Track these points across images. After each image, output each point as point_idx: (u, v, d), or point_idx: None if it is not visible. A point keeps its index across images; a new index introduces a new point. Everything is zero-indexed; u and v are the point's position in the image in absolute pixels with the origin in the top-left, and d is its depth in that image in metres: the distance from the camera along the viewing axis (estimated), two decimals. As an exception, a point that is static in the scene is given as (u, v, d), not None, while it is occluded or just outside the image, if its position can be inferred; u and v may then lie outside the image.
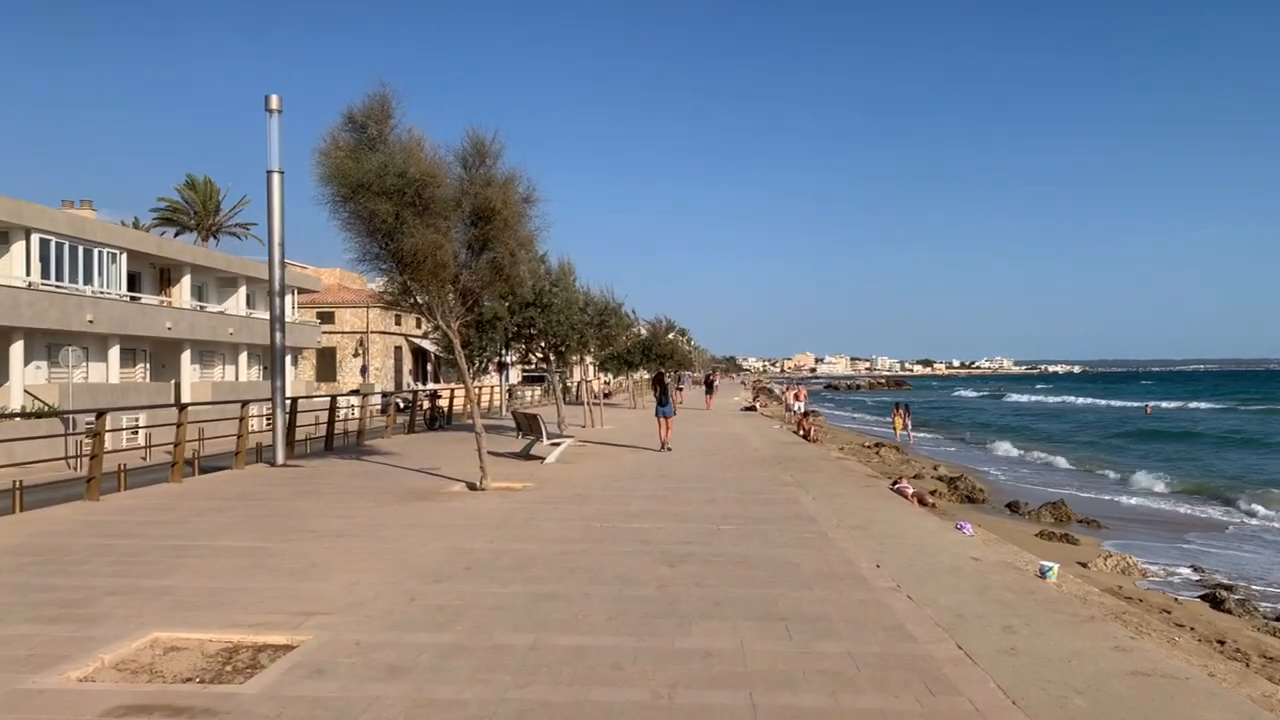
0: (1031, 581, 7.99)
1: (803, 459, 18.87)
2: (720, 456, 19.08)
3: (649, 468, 16.71)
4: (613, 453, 19.89)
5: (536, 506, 11.74)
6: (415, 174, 12.37)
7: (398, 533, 9.78)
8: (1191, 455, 36.56)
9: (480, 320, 21.40)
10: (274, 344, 16.81)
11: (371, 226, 12.70)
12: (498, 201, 12.90)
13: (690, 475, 15.46)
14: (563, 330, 21.16)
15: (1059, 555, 13.31)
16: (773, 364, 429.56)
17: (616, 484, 14.21)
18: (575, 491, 13.23)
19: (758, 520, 10.72)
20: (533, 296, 21.08)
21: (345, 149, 12.65)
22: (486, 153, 13.21)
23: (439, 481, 14.47)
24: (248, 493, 13.08)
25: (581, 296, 22.39)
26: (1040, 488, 24.84)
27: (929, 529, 10.67)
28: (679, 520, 10.67)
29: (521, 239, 13.45)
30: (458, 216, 13.04)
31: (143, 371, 37.38)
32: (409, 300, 13.81)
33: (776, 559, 8.47)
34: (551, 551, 8.74)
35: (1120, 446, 41.29)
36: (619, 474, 15.60)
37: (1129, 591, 11.05)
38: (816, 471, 16.41)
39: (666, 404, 21.39)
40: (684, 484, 14.24)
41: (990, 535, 12.22)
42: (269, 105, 16.58)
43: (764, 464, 17.57)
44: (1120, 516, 19.86)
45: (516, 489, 13.63)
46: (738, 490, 13.47)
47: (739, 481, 14.58)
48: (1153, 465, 30.11)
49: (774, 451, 20.49)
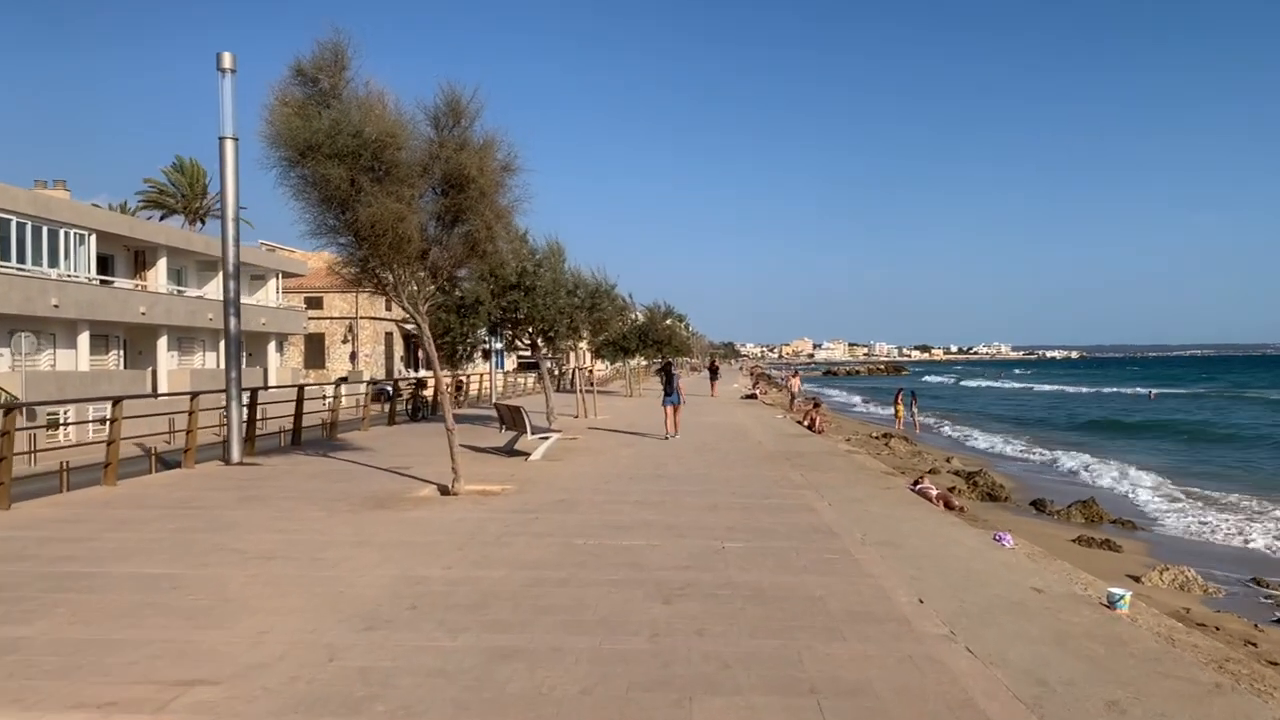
0: (1116, 624, 6.44)
1: (811, 454, 17.32)
2: (722, 452, 17.52)
3: (645, 465, 15.15)
4: (606, 447, 18.33)
5: (512, 516, 10.17)
6: (373, 134, 10.74)
7: (341, 554, 8.22)
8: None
9: (461, 304, 19.81)
10: (228, 330, 15.21)
11: (324, 194, 11.07)
12: (472, 168, 11.27)
13: (690, 475, 13.90)
14: (550, 314, 19.56)
15: (1107, 568, 11.79)
16: (771, 350, 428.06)
17: (607, 486, 12.65)
18: (559, 496, 11.67)
19: (768, 534, 9.17)
20: (516, 278, 19.46)
21: (293, 105, 11.02)
22: (462, 112, 11.56)
23: (407, 484, 12.91)
24: (185, 499, 11.50)
25: (571, 278, 20.76)
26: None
27: (968, 545, 9.13)
28: (677, 535, 9.12)
29: (499, 211, 11.82)
30: (426, 184, 11.41)
31: (116, 359, 35.74)
32: (372, 279, 12.20)
33: (796, 591, 6.91)
34: (521, 581, 7.18)
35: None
36: (611, 473, 14.03)
37: (1201, 616, 9.52)
38: (829, 470, 14.85)
39: (673, 392, 20.57)
40: (683, 486, 12.69)
41: (1031, 547, 10.67)
42: (221, 64, 14.92)
43: (770, 460, 16.02)
44: (1149, 514, 18.36)
45: (494, 492, 12.07)
46: (743, 494, 11.92)
47: (744, 483, 13.03)
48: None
49: (780, 445, 18.93)
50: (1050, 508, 17.92)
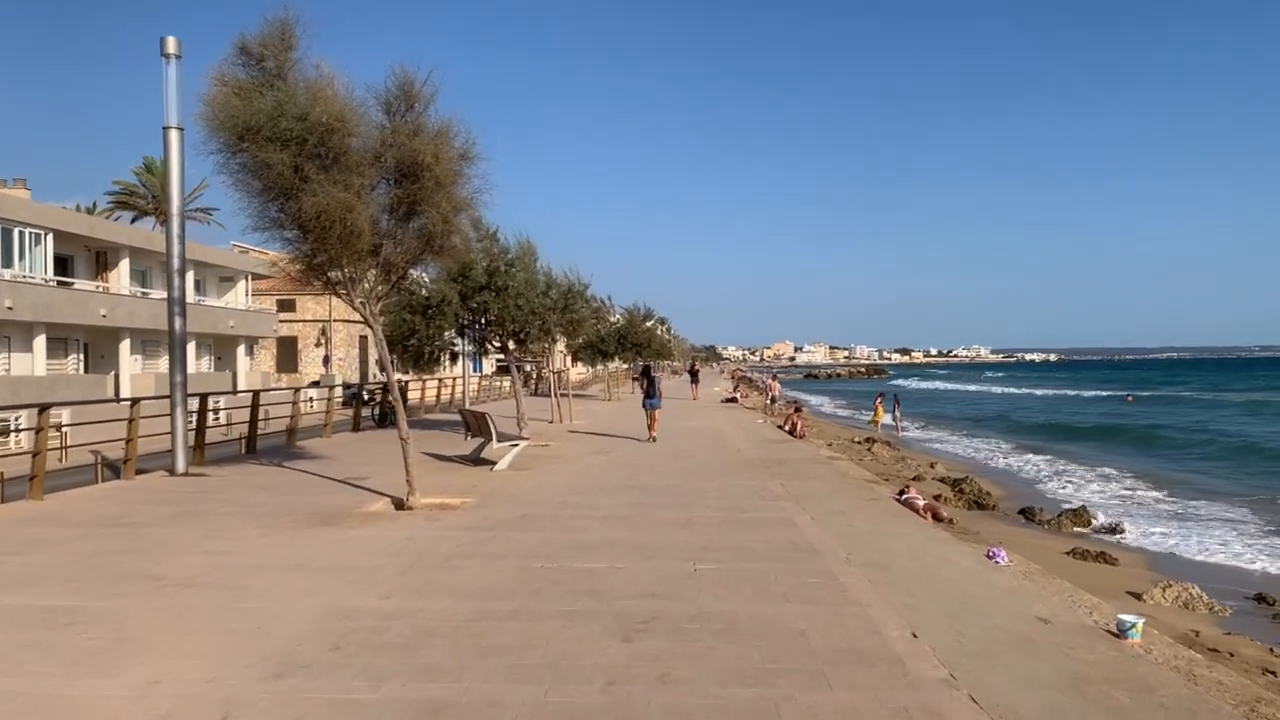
0: (1138, 664, 5.70)
1: (793, 461, 16.58)
2: (700, 459, 16.74)
3: (617, 475, 14.35)
4: (578, 454, 17.52)
5: (467, 534, 9.34)
6: (320, 117, 9.90)
7: (270, 580, 7.37)
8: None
9: (427, 305, 18.95)
10: (172, 330, 14.30)
11: (266, 183, 10.23)
12: (427, 155, 10.44)
13: (664, 485, 13.12)
14: (521, 316, 18.72)
15: (1106, 584, 11.10)
16: (752, 353, 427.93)
17: (575, 498, 11.84)
18: (521, 510, 10.84)
19: (746, 554, 8.39)
20: (486, 278, 18.61)
21: (232, 85, 10.16)
22: (415, 96, 10.74)
23: (360, 497, 12.04)
24: (113, 515, 10.59)
25: (543, 278, 19.93)
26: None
27: (962, 564, 8.39)
28: (645, 555, 8.32)
29: (457, 202, 10.99)
30: (377, 173, 10.59)
31: (75, 363, 34.55)
32: (320, 276, 11.35)
33: (775, 624, 6.14)
34: (465, 614, 6.37)
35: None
36: (580, 484, 13.22)
37: (1213, 640, 8.82)
38: (810, 479, 14.10)
39: (653, 396, 20.53)
40: (656, 498, 11.90)
41: (1026, 563, 9.94)
42: (165, 49, 14.01)
43: (750, 469, 15.25)
44: (1138, 523, 17.73)
45: (452, 506, 11.23)
46: (720, 507, 11.14)
47: (721, 494, 12.25)
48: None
49: (760, 452, 18.18)
50: (1039, 516, 17.26)
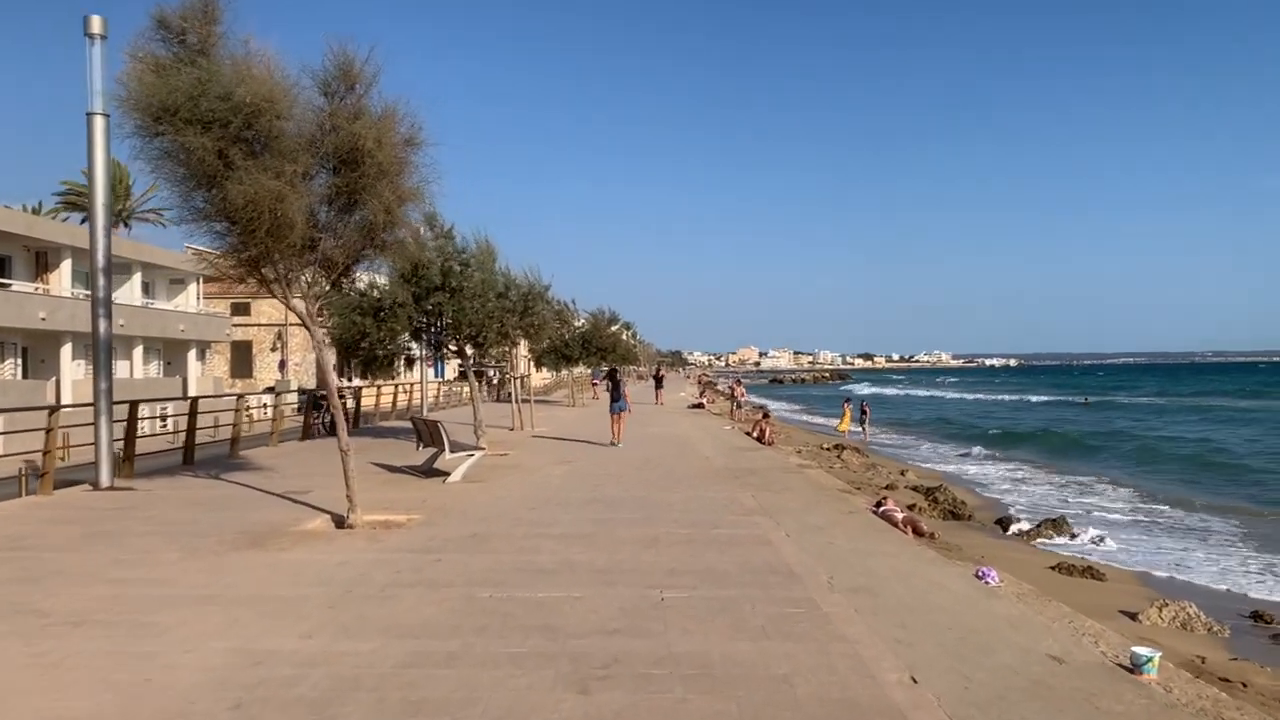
0: (1173, 714, 4.96)
1: (763, 470, 15.82)
2: (666, 468, 15.92)
3: (579, 486, 13.49)
4: (538, 464, 16.62)
5: (410, 558, 8.44)
6: (245, 97, 8.95)
7: (176, 616, 6.43)
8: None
9: (379, 307, 17.96)
10: (96, 333, 13.21)
11: (188, 169, 9.27)
12: (369, 141, 9.53)
13: (628, 498, 12.28)
14: (478, 319, 17.79)
15: (1098, 603, 10.43)
16: (717, 358, 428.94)
17: (531, 514, 10.97)
18: (472, 528, 9.95)
19: (718, 578, 7.58)
20: (441, 279, 17.67)
21: (149, 62, 9.20)
22: (355, 77, 9.82)
23: (298, 513, 11.07)
24: (14, 536, 9.54)
25: (502, 279, 19.02)
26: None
27: (954, 588, 7.64)
28: (607, 580, 7.48)
29: (402, 193, 10.08)
30: (314, 160, 9.64)
31: (13, 368, 33.03)
32: (252, 273, 10.39)
33: (753, 668, 5.33)
34: (397, 658, 5.49)
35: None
36: (538, 497, 12.35)
37: (1220, 667, 8.16)
38: (783, 489, 13.34)
39: (619, 399, 20.61)
40: (619, 512, 11.06)
41: (1018, 583, 9.24)
42: (89, 29, 12.95)
43: (719, 479, 14.47)
44: (1117, 532, 17.20)
45: (397, 524, 10.32)
46: (689, 522, 10.32)
47: (689, 507, 11.44)
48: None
49: (728, 460, 17.41)
50: (1016, 526, 16.67)
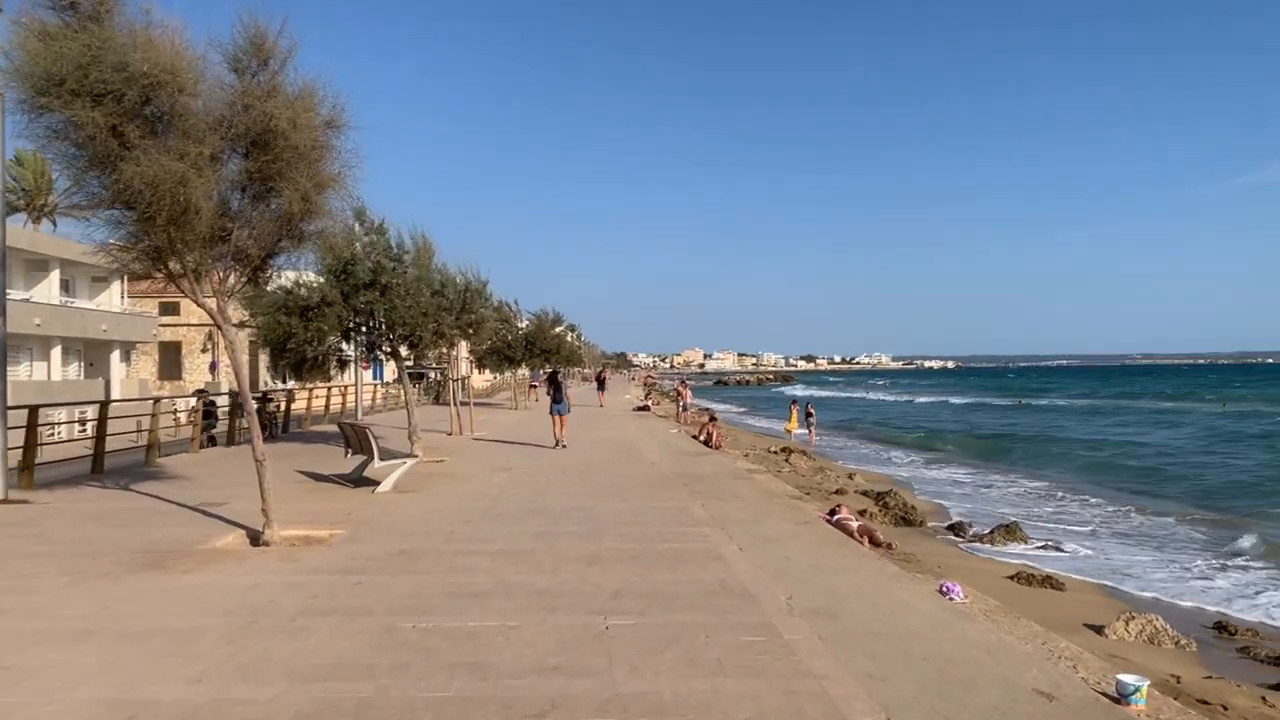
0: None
1: (711, 476, 15.21)
2: (612, 475, 15.23)
3: (518, 495, 12.73)
4: (476, 471, 15.81)
5: (327, 581, 7.62)
6: (143, 68, 8.05)
7: (47, 656, 5.55)
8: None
9: (306, 305, 16.96)
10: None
11: (77, 148, 8.33)
12: (283, 121, 8.68)
13: (571, 508, 11.56)
14: (411, 317, 16.90)
15: (1062, 615, 10.01)
16: (662, 360, 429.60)
17: (466, 528, 10.18)
18: (400, 545, 9.14)
19: (668, 600, 6.92)
20: (370, 275, 16.74)
21: (36, 29, 8.24)
22: (269, 52, 8.95)
23: (210, 528, 10.14)
24: (-123, 560, 8.49)
25: (438, 276, 18.13)
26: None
27: (922, 609, 7.07)
28: (546, 605, 6.77)
29: (321, 179, 9.24)
30: (223, 141, 8.76)
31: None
32: (158, 266, 9.47)
33: (709, 712, 4.67)
34: (299, 708, 4.70)
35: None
36: (474, 508, 11.56)
37: (1197, 688, 7.71)
38: (733, 497, 12.73)
39: (561, 401, 20.52)
40: (561, 525, 10.34)
41: (983, 598, 8.76)
42: (-21, -3, 11.83)
43: (666, 486, 13.81)
44: (1066, 530, 16.97)
45: (318, 540, 9.47)
46: (635, 535, 9.64)
47: (636, 518, 10.76)
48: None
49: (676, 466, 16.77)
50: (968, 531, 16.33)
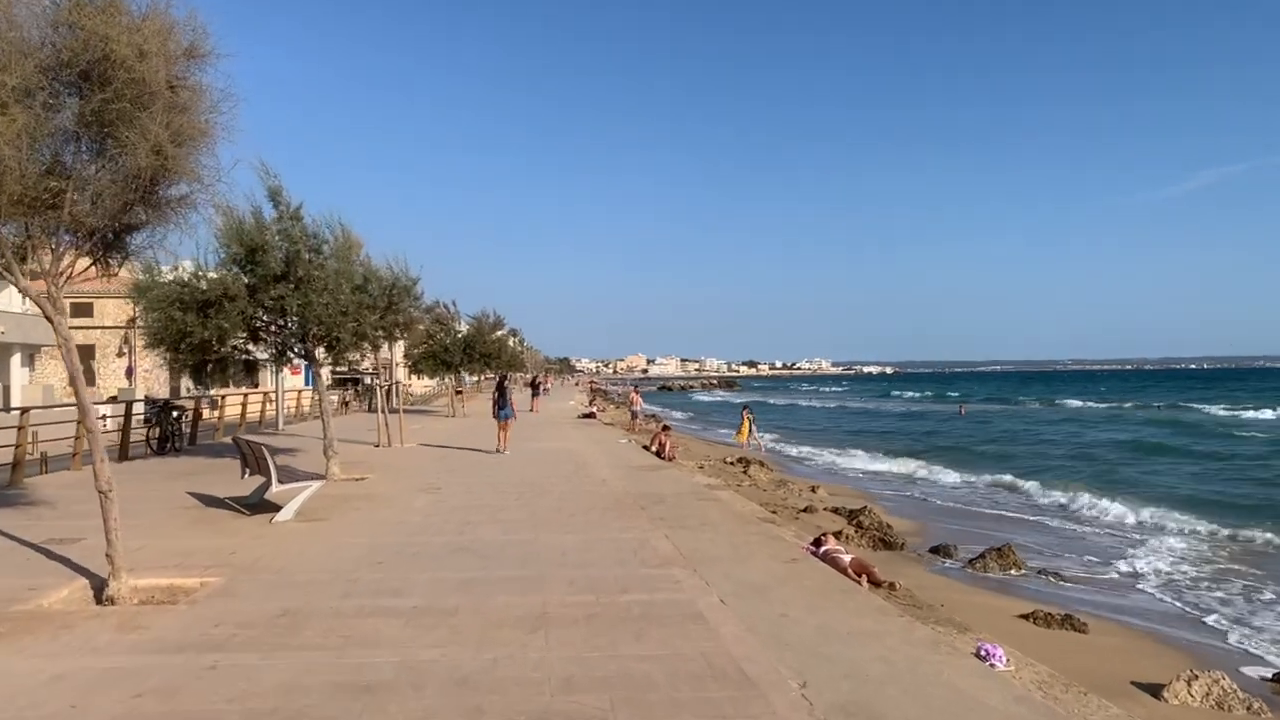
0: None
1: (672, 497, 13.32)
2: (558, 495, 13.26)
3: (446, 525, 10.69)
4: (400, 491, 13.71)
5: (167, 666, 5.55)
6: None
7: None
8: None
9: (205, 300, 14.68)
10: None
11: None
12: (124, 47, 6.58)
13: (508, 543, 9.57)
14: (329, 316, 14.74)
15: (1100, 671, 8.32)
16: (606, 365, 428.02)
17: (374, 574, 8.13)
18: (284, 602, 7.06)
19: (638, 693, 5.00)
20: (283, 266, 14.53)
21: None
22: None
23: (44, 575, 7.93)
24: None
25: (361, 270, 15.97)
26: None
27: (987, 702, 5.27)
28: (468, 708, 4.80)
29: (181, 128, 7.13)
30: (38, 73, 6.61)
31: None
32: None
33: None
34: None
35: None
36: (389, 544, 9.50)
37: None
38: (700, 524, 10.85)
39: (505, 406, 20.63)
40: (494, 568, 8.35)
41: (1030, 662, 7.00)
42: None
43: (621, 510, 11.89)
44: (1054, 549, 15.44)
45: (183, 591, 7.37)
46: (589, 583, 7.70)
47: (588, 557, 8.82)
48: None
49: (630, 483, 14.85)
50: (955, 554, 14.69)
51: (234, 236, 14.59)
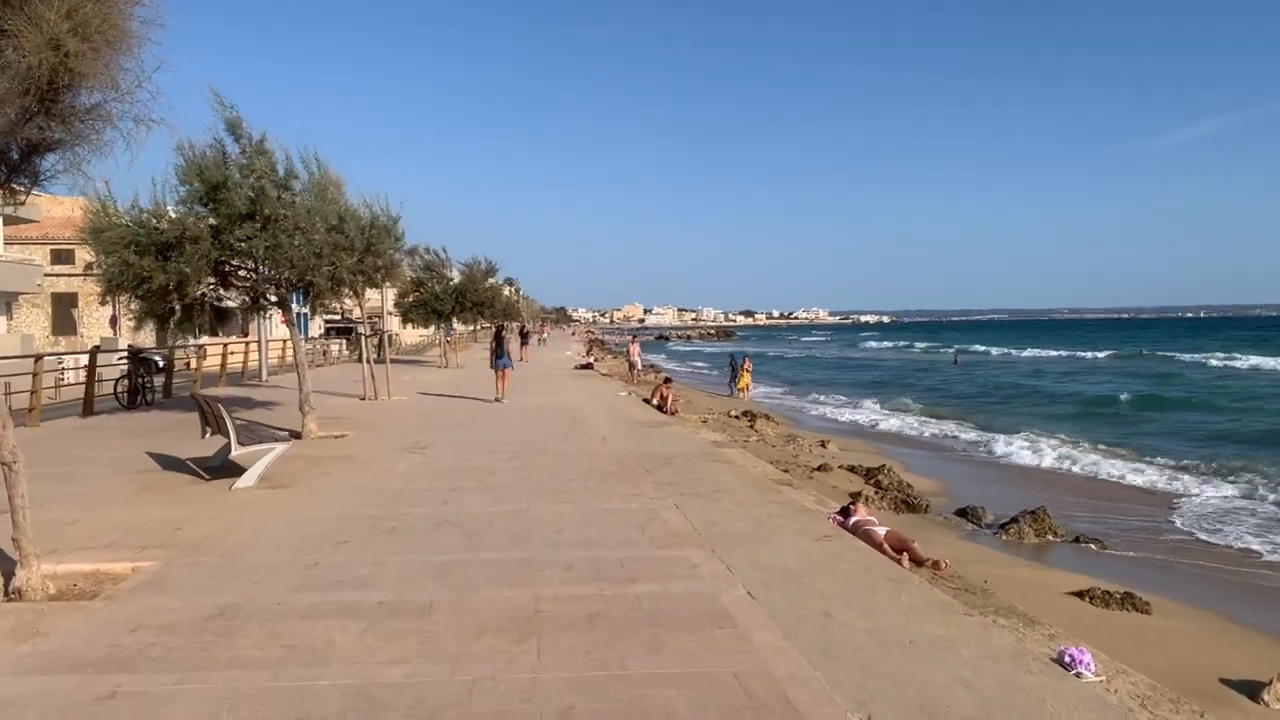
0: None
1: (678, 457, 12.14)
2: (553, 456, 12.09)
3: (428, 492, 9.50)
4: (380, 452, 12.53)
5: (58, 689, 4.35)
6: None
7: None
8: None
9: (165, 243, 13.32)
10: None
11: None
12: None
13: (496, 515, 8.39)
14: (302, 258, 13.40)
15: (1177, 664, 7.21)
16: (602, 315, 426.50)
17: (338, 555, 6.95)
18: (222, 596, 5.87)
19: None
20: (248, 204, 13.15)
21: None
22: None
23: (-57, 563, 6.73)
24: None
25: (336, 209, 14.56)
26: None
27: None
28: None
29: (85, 19, 5.75)
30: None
31: None
32: None
33: None
34: None
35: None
36: (361, 517, 8.31)
37: None
38: (713, 490, 9.67)
39: (503, 355, 20.74)
40: (480, 548, 7.16)
41: (1122, 669, 5.85)
42: None
43: (625, 473, 10.71)
44: (1092, 515, 14.35)
45: (109, 578, 6.19)
46: (590, 570, 6.52)
47: (588, 534, 7.64)
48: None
49: (632, 441, 13.67)
50: (985, 518, 13.58)
51: (193, 173, 13.22)
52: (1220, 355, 64.65)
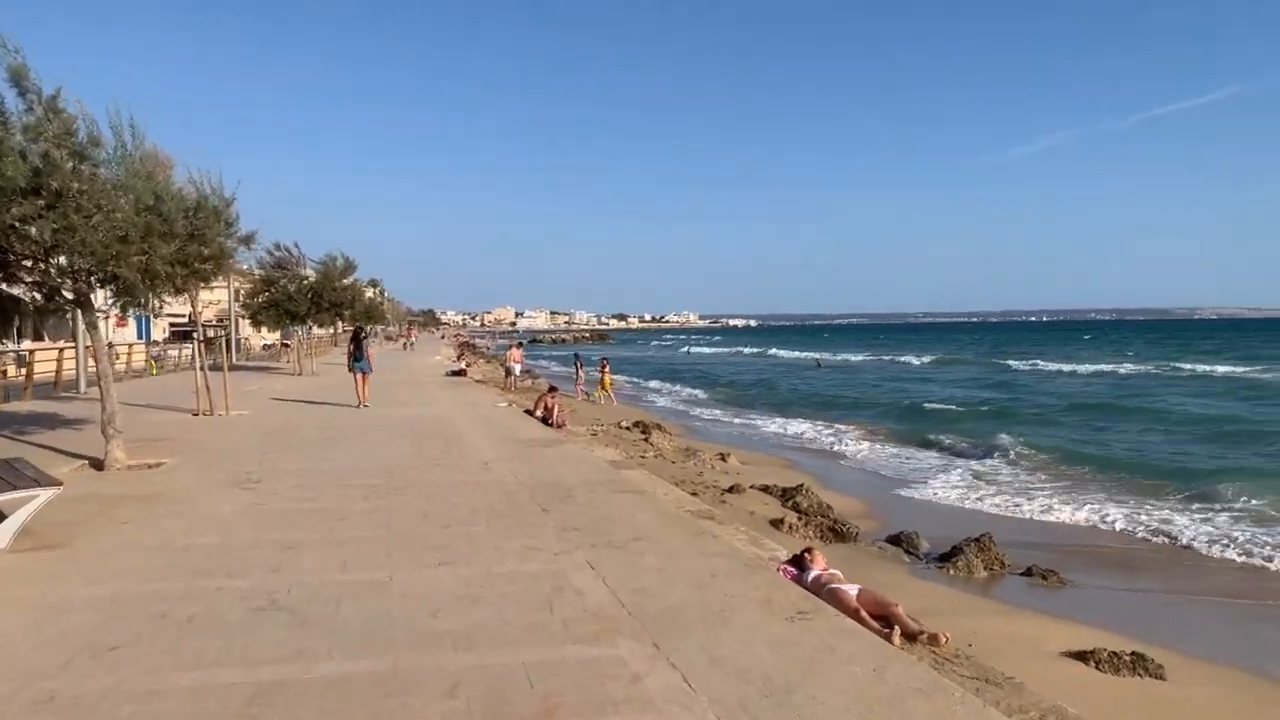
0: None
1: (581, 488, 10.04)
2: (423, 491, 9.78)
3: (250, 555, 7.09)
4: (201, 486, 9.92)
5: None
6: None
7: None
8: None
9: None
10: None
11: None
12: None
13: (345, 593, 6.10)
14: (101, 244, 10.61)
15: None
16: (473, 318, 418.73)
17: (94, 676, 4.53)
18: None
19: None
20: (30, 177, 10.31)
21: None
22: None
23: None
24: None
25: (151, 185, 11.77)
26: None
27: None
28: None
29: None
30: None
31: None
32: None
33: None
34: None
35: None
36: (146, 599, 5.87)
37: None
38: (631, 536, 7.62)
39: (361, 359, 19.80)
40: (317, 661, 4.89)
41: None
42: None
43: (517, 514, 8.53)
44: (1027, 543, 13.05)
45: None
46: (483, 692, 4.35)
47: (475, 614, 5.47)
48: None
49: (521, 467, 11.46)
50: (921, 545, 12.04)
51: None
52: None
